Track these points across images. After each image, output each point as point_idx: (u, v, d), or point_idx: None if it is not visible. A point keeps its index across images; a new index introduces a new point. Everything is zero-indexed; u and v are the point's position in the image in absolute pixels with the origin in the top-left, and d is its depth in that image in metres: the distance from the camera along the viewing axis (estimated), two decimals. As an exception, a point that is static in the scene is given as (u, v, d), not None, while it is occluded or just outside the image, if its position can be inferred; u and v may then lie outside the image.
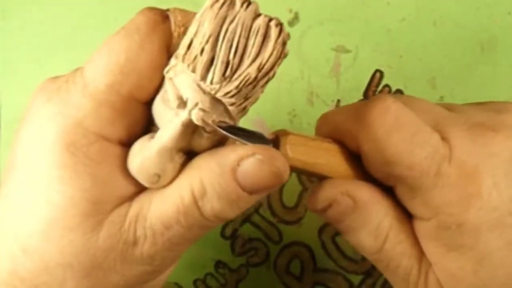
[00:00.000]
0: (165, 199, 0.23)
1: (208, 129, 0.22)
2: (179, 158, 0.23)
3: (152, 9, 0.23)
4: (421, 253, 0.25)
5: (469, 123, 0.25)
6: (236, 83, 0.21)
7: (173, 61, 0.22)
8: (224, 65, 0.21)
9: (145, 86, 0.23)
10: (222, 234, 0.38)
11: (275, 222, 0.38)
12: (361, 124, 0.25)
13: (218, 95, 0.21)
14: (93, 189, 0.22)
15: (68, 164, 0.22)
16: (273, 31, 0.21)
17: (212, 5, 0.20)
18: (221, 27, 0.21)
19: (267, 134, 0.26)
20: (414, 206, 0.25)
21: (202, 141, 0.23)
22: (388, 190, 0.26)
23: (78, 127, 0.22)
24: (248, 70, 0.21)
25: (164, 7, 0.23)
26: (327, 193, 0.25)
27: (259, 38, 0.21)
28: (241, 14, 0.20)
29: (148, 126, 0.24)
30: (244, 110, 0.22)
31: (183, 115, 0.22)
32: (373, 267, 0.37)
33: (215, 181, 0.22)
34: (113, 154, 0.23)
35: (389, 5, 0.39)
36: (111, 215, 0.22)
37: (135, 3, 0.25)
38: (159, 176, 0.23)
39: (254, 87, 0.21)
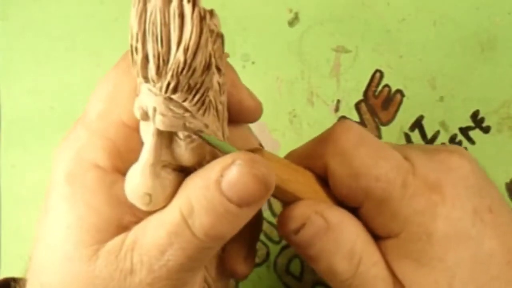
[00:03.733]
0: (158, 224, 0.22)
1: (181, 135, 0.22)
2: (167, 174, 0.22)
3: None
4: (393, 276, 0.25)
5: (425, 149, 0.27)
6: (170, 73, 0.20)
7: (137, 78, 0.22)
8: (156, 58, 0.20)
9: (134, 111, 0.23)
10: (222, 234, 0.38)
11: (275, 222, 0.38)
12: (327, 142, 0.26)
13: (163, 92, 0.21)
14: (89, 217, 0.22)
15: (67, 195, 0.23)
16: (187, 9, 0.20)
17: (133, 5, 0.20)
18: (145, 22, 0.20)
19: (267, 136, 0.26)
20: (382, 223, 0.25)
21: (182, 150, 0.22)
22: (354, 214, 0.26)
23: (76, 157, 0.23)
24: (177, 55, 0.20)
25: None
26: (301, 211, 0.25)
27: (177, 20, 0.20)
28: (156, 2, 0.20)
29: None
30: (203, 105, 0.22)
31: (151, 125, 0.22)
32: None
33: (200, 195, 0.22)
34: (109, 182, 0.23)
35: (389, 5, 0.39)
36: (108, 244, 0.22)
37: (135, 3, 0.25)
38: (150, 195, 0.22)
39: (193, 73, 0.20)
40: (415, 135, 0.38)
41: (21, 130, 0.40)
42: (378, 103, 0.38)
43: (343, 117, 0.38)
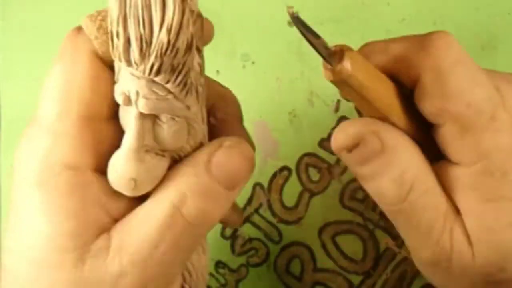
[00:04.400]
0: (144, 220, 0.22)
1: (163, 118, 0.22)
2: (151, 158, 0.22)
3: (70, 30, 0.24)
4: (446, 206, 0.24)
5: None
6: (154, 54, 0.20)
7: (115, 64, 0.22)
8: (139, 41, 0.20)
9: (95, 102, 0.23)
10: (222, 234, 0.38)
11: (275, 222, 0.38)
12: (425, 53, 0.24)
13: (147, 75, 0.21)
14: (67, 223, 0.22)
15: (40, 202, 0.22)
16: None
17: None
18: (125, 6, 0.20)
19: (267, 136, 0.26)
20: (459, 149, 0.24)
21: (165, 134, 0.22)
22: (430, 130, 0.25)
23: (44, 161, 0.22)
24: (160, 36, 0.20)
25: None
26: (357, 130, 0.24)
27: (159, 1, 0.20)
28: None
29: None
30: (185, 87, 0.22)
31: (133, 110, 0.22)
32: (373, 268, 0.37)
33: (192, 182, 0.22)
34: (82, 182, 0.22)
35: (389, 5, 0.39)
36: (92, 249, 0.22)
37: (135, 3, 0.25)
38: (135, 180, 0.22)
39: (176, 53, 0.20)
40: (415, 135, 0.38)
41: (21, 130, 0.40)
42: (378, 103, 0.38)
43: (343, 118, 0.38)
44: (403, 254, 0.37)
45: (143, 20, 0.20)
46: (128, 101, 0.22)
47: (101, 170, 0.23)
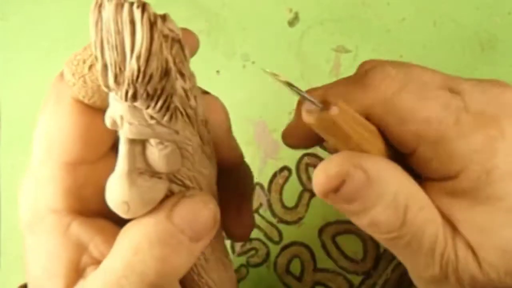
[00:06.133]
0: (100, 274, 0.22)
1: (153, 142, 0.22)
2: (143, 181, 0.22)
3: (55, 77, 0.24)
4: (442, 220, 0.24)
5: (476, 81, 0.24)
6: (126, 81, 0.20)
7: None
8: (113, 66, 0.20)
9: (77, 147, 0.23)
10: (222, 234, 0.38)
11: (275, 222, 0.38)
12: (365, 90, 0.24)
13: (123, 100, 0.20)
14: (50, 265, 0.23)
15: (30, 245, 0.23)
16: (136, 14, 0.19)
17: (90, 13, 0.20)
18: (101, 30, 0.20)
19: (267, 136, 0.25)
20: (440, 165, 0.23)
21: (156, 157, 0.22)
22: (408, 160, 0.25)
23: (32, 206, 0.24)
24: (131, 63, 0.20)
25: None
26: (339, 168, 0.23)
27: (129, 27, 0.19)
28: (109, 9, 0.19)
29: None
30: (168, 111, 0.21)
31: (122, 134, 0.22)
32: (374, 268, 0.37)
33: (151, 231, 0.22)
34: (65, 225, 0.23)
35: (389, 5, 0.39)
36: None
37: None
38: (127, 204, 0.22)
39: (149, 80, 0.20)
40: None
41: (21, 130, 0.40)
42: (378, 103, 0.38)
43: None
44: (403, 254, 0.37)
45: (116, 45, 0.20)
46: (115, 124, 0.21)
47: (86, 212, 0.23)
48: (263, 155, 0.38)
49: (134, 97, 0.20)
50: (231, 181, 0.28)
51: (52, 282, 0.22)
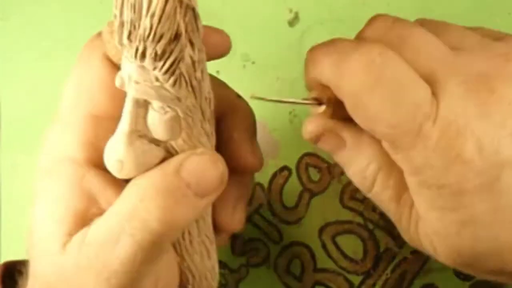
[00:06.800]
0: (109, 214, 0.23)
1: (156, 106, 0.22)
2: (141, 144, 0.23)
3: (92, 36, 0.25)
4: (411, 202, 0.25)
5: (469, 74, 0.23)
6: (138, 38, 0.21)
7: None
8: (128, 24, 0.21)
9: (102, 101, 0.24)
10: (222, 234, 0.38)
11: (275, 222, 0.38)
12: (341, 79, 0.25)
13: (134, 58, 0.21)
14: (58, 210, 0.23)
15: (43, 189, 0.24)
16: None
17: None
18: None
19: (267, 136, 0.26)
20: (397, 161, 0.24)
21: (156, 122, 0.23)
22: None
23: (51, 152, 0.24)
24: (145, 21, 0.21)
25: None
26: (313, 127, 0.28)
27: None
28: None
29: None
30: (173, 76, 0.22)
31: (128, 94, 0.22)
32: (373, 268, 0.37)
33: (158, 181, 0.22)
34: (80, 175, 0.23)
35: (389, 5, 0.39)
36: (73, 240, 0.23)
37: (135, 3, 0.25)
38: (122, 162, 0.23)
39: (159, 39, 0.21)
40: (415, 135, 0.38)
41: (21, 130, 0.40)
42: (378, 103, 0.38)
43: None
44: (403, 254, 0.37)
45: (135, 5, 0.21)
46: (122, 83, 0.22)
47: (102, 166, 0.24)
48: (263, 155, 0.38)
49: (143, 55, 0.21)
50: (236, 182, 0.28)
51: (57, 226, 0.23)
